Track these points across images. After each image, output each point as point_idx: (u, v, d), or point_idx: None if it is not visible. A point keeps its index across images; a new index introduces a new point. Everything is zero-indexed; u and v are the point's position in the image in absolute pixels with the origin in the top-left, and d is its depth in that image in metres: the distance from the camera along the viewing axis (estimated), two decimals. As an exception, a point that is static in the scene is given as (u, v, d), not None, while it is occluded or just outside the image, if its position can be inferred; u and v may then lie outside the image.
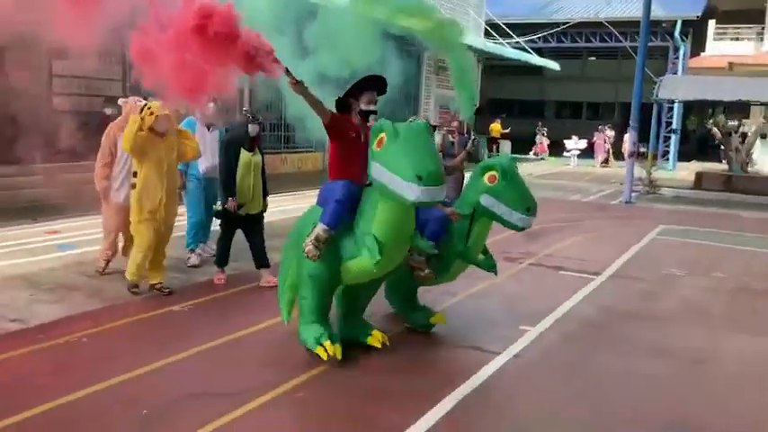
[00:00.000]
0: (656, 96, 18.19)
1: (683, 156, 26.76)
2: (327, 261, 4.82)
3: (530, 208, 5.40)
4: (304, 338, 4.94)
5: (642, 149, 19.55)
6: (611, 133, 25.88)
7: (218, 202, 6.97)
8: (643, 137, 17.48)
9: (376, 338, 5.17)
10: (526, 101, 40.32)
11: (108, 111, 6.70)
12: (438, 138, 10.37)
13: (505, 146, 28.28)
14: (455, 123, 10.42)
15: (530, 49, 25.87)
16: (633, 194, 16.54)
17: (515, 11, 28.90)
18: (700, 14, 25.37)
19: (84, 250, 7.99)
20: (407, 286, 5.73)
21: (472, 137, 7.55)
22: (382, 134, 4.56)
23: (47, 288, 6.45)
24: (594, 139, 25.80)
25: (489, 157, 9.92)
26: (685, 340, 5.98)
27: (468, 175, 6.02)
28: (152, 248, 6.34)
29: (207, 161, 7.45)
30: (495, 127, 27.17)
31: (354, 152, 5.09)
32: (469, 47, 20.88)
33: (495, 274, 5.95)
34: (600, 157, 25.62)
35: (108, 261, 7.03)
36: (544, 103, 40.81)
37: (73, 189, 9.17)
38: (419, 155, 4.45)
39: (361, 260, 4.77)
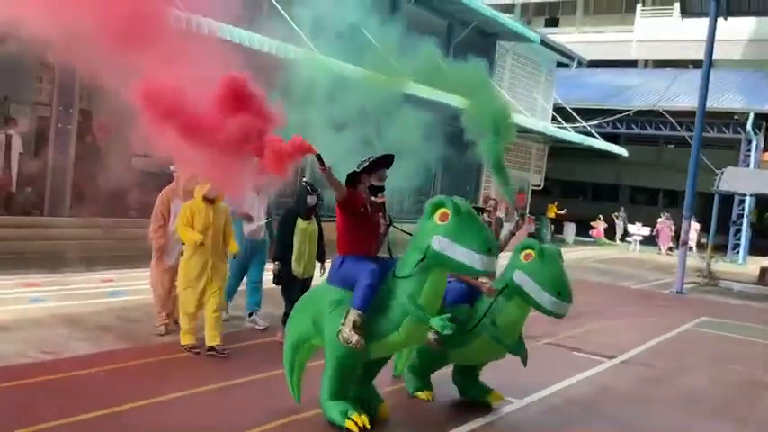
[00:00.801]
0: (717, 188, 18.09)
1: (759, 251, 25.98)
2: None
3: (561, 292, 5.42)
4: (331, 415, 5.04)
5: (703, 240, 19.29)
6: (696, 225, 25.72)
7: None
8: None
9: (384, 410, 5.34)
10: (600, 184, 40.16)
11: (172, 167, 7.36)
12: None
13: (570, 228, 28.31)
14: (491, 202, 10.38)
15: (595, 134, 26.11)
16: (688, 286, 16.35)
17: (586, 96, 29.33)
18: (773, 108, 25.13)
19: (129, 297, 8.77)
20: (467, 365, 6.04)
21: (517, 217, 7.90)
22: (444, 209, 4.86)
23: (85, 328, 7.21)
24: (659, 225, 25.55)
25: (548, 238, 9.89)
26: (661, 422, 6.11)
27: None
28: (197, 313, 6.65)
29: (252, 226, 7.83)
30: (552, 209, 27.47)
31: (365, 225, 5.32)
32: (528, 129, 21.53)
33: (524, 363, 5.94)
34: (664, 245, 25.27)
35: (166, 325, 7.19)
36: (619, 187, 40.52)
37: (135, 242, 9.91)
38: (484, 230, 4.85)
39: (399, 333, 4.95)
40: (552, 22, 45.44)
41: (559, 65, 28.27)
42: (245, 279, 8.17)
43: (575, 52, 27.68)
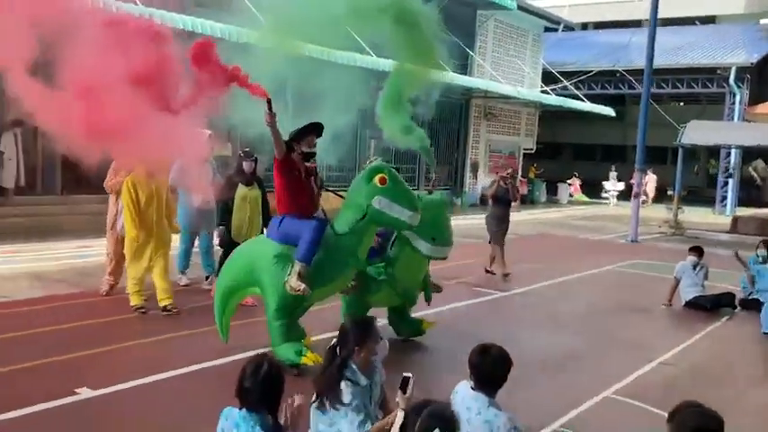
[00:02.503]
0: (680, 141, 18.86)
1: (751, 202, 26.49)
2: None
3: (435, 238, 6.21)
4: (286, 356, 5.45)
5: (669, 192, 20.11)
6: (653, 176, 26.44)
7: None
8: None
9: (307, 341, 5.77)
10: (609, 145, 40.54)
11: None
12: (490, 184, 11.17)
13: (563, 188, 29.23)
14: (509, 170, 11.15)
15: (581, 96, 26.81)
16: (654, 235, 17.30)
17: (575, 58, 29.89)
18: (754, 62, 25.45)
19: (94, 258, 10.18)
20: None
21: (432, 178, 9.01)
22: (382, 174, 5.58)
23: (44, 280, 8.68)
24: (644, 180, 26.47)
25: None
26: (500, 332, 7.31)
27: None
28: (143, 277, 7.31)
29: (202, 195, 8.02)
30: (531, 170, 28.75)
31: (301, 187, 5.78)
32: (507, 96, 22.29)
33: (428, 301, 6.92)
34: (649, 197, 26.27)
35: (112, 286, 7.92)
36: (626, 147, 40.89)
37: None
38: (411, 192, 5.74)
39: (335, 283, 5.75)
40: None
41: (548, 29, 28.95)
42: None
43: (560, 16, 28.31)
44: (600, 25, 40.70)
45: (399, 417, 3.25)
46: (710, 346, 7.54)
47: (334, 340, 3.73)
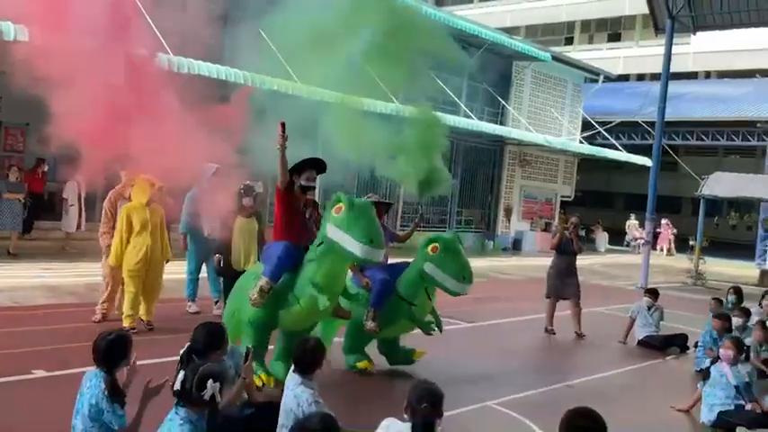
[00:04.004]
0: (700, 192, 19.10)
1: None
2: (266, 309, 5.75)
3: (464, 277, 6.49)
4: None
5: (692, 242, 20.25)
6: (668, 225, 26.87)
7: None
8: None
9: None
10: (662, 196, 40.24)
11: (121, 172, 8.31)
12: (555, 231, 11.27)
13: (602, 237, 29.37)
14: (573, 220, 10.47)
15: (618, 146, 27.18)
16: (675, 284, 17.56)
17: (621, 107, 30.26)
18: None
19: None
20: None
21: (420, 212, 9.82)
22: (340, 204, 5.54)
23: (57, 292, 9.95)
24: (660, 229, 26.48)
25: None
26: (451, 360, 8.05)
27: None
28: (139, 296, 7.78)
29: (211, 225, 8.52)
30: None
31: (297, 218, 6.05)
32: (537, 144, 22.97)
33: (439, 331, 7.14)
34: (664, 246, 26.42)
35: (104, 314, 8.13)
36: (680, 199, 40.52)
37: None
38: (372, 224, 5.48)
39: (300, 307, 5.73)
40: (614, 37, 46.20)
41: (589, 80, 29.48)
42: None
43: (600, 68, 28.90)
44: (655, 77, 40.98)
45: (238, 382, 4.19)
46: (630, 376, 8.14)
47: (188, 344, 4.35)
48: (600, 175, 34.69)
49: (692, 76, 40.75)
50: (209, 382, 3.47)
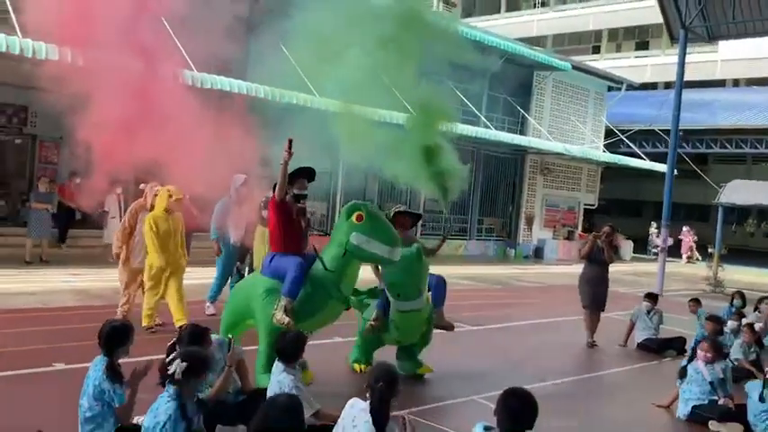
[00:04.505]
0: (718, 200, 19.18)
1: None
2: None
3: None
4: (264, 384, 5.49)
5: (710, 250, 20.30)
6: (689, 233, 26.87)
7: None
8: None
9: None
10: (690, 204, 40.04)
11: (142, 185, 9.01)
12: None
13: (627, 245, 29.34)
14: (605, 228, 10.11)
15: (641, 154, 27.26)
16: (687, 292, 17.61)
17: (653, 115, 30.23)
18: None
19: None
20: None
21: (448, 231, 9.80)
22: (359, 212, 5.90)
23: (84, 295, 10.58)
24: (681, 236, 26.38)
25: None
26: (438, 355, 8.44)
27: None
28: (158, 301, 8.34)
29: (238, 233, 9.33)
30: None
31: (294, 227, 6.21)
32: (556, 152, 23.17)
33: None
34: (685, 254, 26.55)
35: (124, 316, 8.30)
36: (709, 207, 40.18)
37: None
38: (391, 229, 5.96)
39: (322, 314, 6.09)
40: (642, 45, 46.13)
41: (612, 89, 29.57)
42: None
43: (623, 77, 29.00)
44: (685, 84, 40.71)
45: (225, 371, 4.67)
46: (623, 376, 8.43)
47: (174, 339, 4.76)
48: (627, 183, 34.65)
49: (719, 84, 40.58)
50: (177, 360, 3.90)
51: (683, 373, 6.79)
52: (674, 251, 28.78)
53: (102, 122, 6.28)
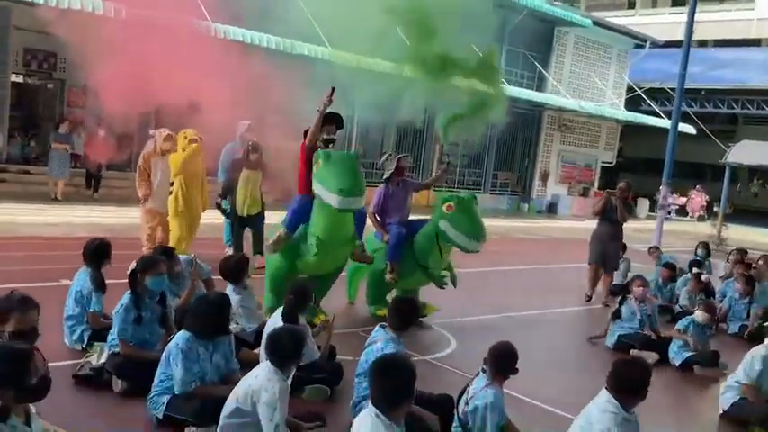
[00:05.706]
0: (725, 160, 19.45)
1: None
2: (285, 260, 6.42)
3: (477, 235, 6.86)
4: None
5: (715, 208, 20.65)
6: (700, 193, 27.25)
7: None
8: None
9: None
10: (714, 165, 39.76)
11: (151, 131, 9.39)
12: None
13: (643, 204, 29.61)
14: (621, 185, 9.94)
15: (661, 113, 27.31)
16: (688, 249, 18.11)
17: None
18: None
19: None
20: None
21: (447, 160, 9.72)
22: (319, 159, 6.07)
23: (110, 231, 11.57)
24: (693, 196, 26.65)
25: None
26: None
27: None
28: (184, 236, 8.87)
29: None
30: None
31: None
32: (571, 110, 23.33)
33: (454, 285, 7.59)
34: (695, 213, 27.34)
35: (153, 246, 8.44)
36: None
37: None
38: (343, 175, 5.88)
39: (311, 255, 6.31)
40: (678, 2, 45.14)
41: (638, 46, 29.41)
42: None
43: (647, 34, 28.83)
44: (719, 43, 39.99)
45: (189, 285, 5.55)
46: (571, 314, 9.13)
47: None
48: (648, 141, 34.58)
49: (754, 43, 39.73)
50: (134, 262, 4.88)
51: (616, 314, 7.42)
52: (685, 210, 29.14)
53: (127, 70, 6.96)
